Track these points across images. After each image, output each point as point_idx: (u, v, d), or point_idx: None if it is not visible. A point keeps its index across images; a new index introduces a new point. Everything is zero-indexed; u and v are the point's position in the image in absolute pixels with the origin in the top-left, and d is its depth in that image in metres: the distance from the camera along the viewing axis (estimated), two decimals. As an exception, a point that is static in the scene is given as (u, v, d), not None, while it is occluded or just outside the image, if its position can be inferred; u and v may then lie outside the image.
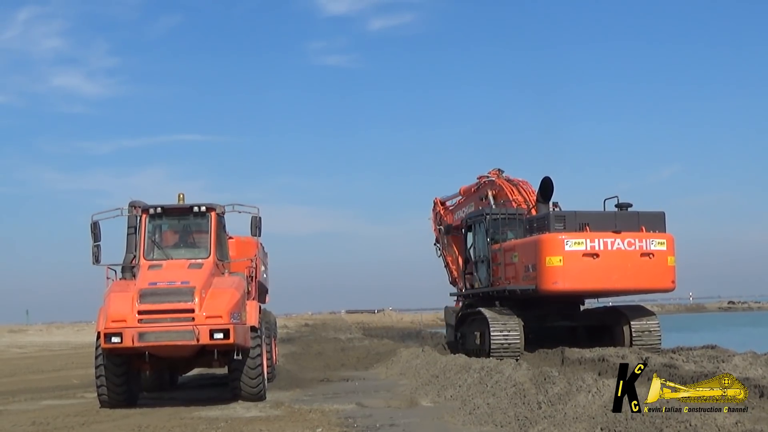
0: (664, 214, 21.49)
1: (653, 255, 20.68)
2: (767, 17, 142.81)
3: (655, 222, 21.14)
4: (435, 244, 29.69)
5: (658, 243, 20.78)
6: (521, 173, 25.91)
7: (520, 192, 24.46)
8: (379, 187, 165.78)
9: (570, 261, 20.08)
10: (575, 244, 20.14)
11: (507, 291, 21.91)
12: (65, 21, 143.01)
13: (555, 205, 22.68)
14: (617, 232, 20.54)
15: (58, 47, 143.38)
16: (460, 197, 28.32)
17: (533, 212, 23.12)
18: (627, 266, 20.48)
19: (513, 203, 23.99)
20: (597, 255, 20.23)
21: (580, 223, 20.54)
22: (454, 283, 27.74)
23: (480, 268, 23.49)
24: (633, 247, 20.53)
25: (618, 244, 20.42)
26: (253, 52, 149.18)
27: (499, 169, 26.45)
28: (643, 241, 20.66)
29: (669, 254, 20.92)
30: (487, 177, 26.19)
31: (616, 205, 21.44)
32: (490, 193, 25.30)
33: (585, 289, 21.26)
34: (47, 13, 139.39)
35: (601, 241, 20.33)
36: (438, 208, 29.97)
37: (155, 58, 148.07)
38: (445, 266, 28.75)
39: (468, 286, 24.31)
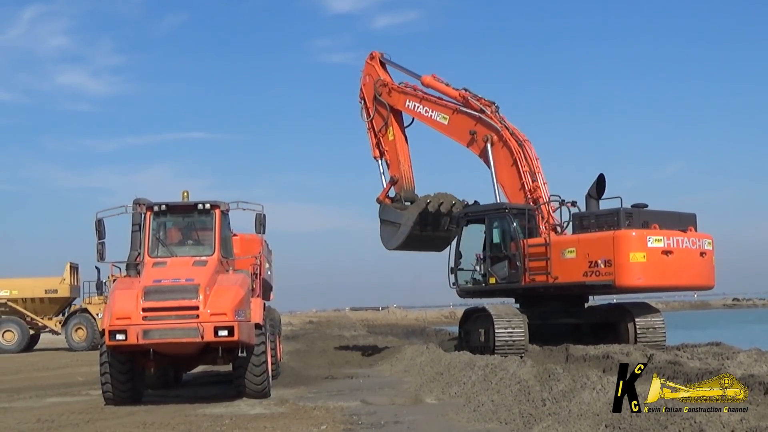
0: (695, 215, 22.02)
1: (706, 254, 21.48)
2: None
3: (691, 222, 21.72)
4: (360, 101, 27.14)
5: (708, 243, 21.59)
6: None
7: (527, 158, 23.20)
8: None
9: (652, 257, 20.48)
10: (655, 241, 20.59)
11: (561, 287, 21.66)
12: (70, 19, 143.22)
13: (573, 203, 22.44)
14: (684, 230, 21.15)
15: (64, 45, 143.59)
16: (423, 88, 25.69)
17: (538, 190, 22.73)
18: (691, 264, 21.16)
19: (516, 169, 23.04)
20: (671, 252, 20.69)
21: (642, 221, 20.97)
22: (377, 157, 26.49)
23: (498, 263, 22.64)
24: (696, 245, 21.24)
25: (686, 242, 21.03)
26: (258, 50, 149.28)
27: (494, 104, 24.36)
28: (701, 240, 21.38)
29: (713, 253, 21.76)
30: (481, 108, 24.13)
31: (633, 206, 21.70)
32: (489, 140, 23.66)
33: (660, 286, 21.88)
34: (52, 11, 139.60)
35: (674, 239, 20.87)
36: (377, 70, 26.88)
37: (160, 57, 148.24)
38: (368, 131, 26.87)
39: (468, 281, 23.37)
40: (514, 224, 22.21)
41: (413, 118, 26.23)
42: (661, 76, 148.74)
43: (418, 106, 25.76)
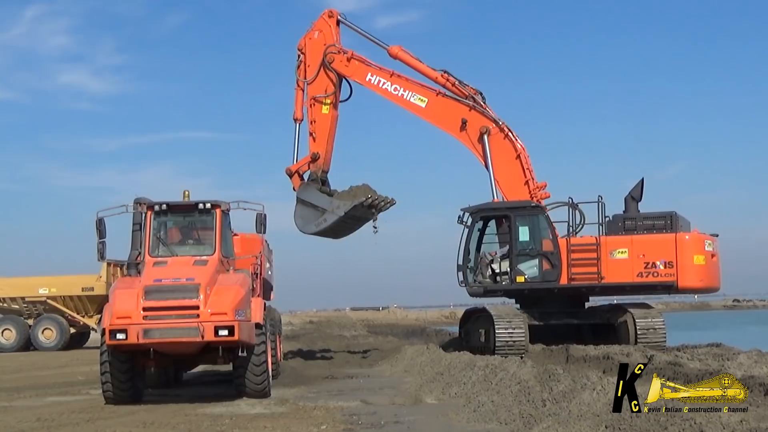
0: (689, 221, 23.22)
1: (719, 257, 22.85)
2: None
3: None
4: (299, 54, 24.12)
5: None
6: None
7: (527, 158, 23.03)
8: (385, 185, 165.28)
9: (708, 260, 21.87)
10: (708, 244, 21.98)
11: (608, 287, 22.14)
12: (72, 18, 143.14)
13: (576, 205, 22.41)
14: (715, 235, 22.52)
15: (65, 45, 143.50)
16: (374, 64, 23.82)
17: (544, 189, 22.83)
18: (718, 266, 22.56)
19: (519, 164, 22.88)
20: (714, 255, 22.14)
21: (680, 225, 22.07)
22: (299, 120, 23.95)
23: (528, 261, 22.09)
24: (719, 249, 22.67)
25: (719, 246, 22.56)
26: (259, 48, 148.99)
27: (481, 93, 23.44)
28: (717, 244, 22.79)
29: None
30: (471, 96, 23.16)
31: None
32: (487, 132, 22.95)
33: (708, 287, 23.07)
34: (54, 10, 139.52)
35: (714, 243, 22.30)
36: (332, 32, 23.96)
37: (162, 56, 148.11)
38: (297, 89, 24.10)
39: (479, 279, 22.52)
40: (549, 224, 22.10)
41: (351, 93, 24.34)
42: (662, 75, 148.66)
43: (384, 83, 23.66)
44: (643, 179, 22.59)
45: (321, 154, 23.84)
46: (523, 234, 22.28)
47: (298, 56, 24.18)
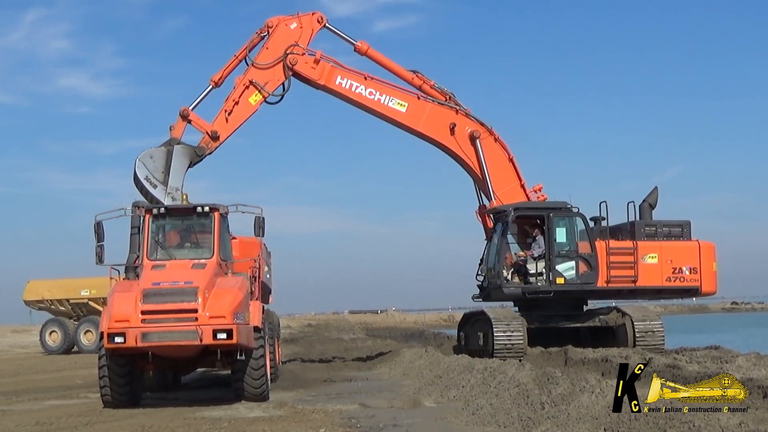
0: None
1: None
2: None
3: None
4: (264, 32, 22.41)
5: None
6: (525, 173, 23.56)
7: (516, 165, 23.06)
8: (383, 188, 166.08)
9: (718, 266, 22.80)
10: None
11: (638, 290, 22.42)
12: (71, 22, 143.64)
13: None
14: None
15: (65, 48, 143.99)
16: (352, 70, 22.51)
17: (536, 192, 22.89)
18: None
19: (513, 167, 22.93)
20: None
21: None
22: (217, 83, 22.47)
23: (565, 262, 21.76)
24: None
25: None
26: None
27: (454, 95, 22.78)
28: None
29: None
30: (452, 99, 22.70)
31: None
32: (478, 137, 22.60)
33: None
34: (54, 14, 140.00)
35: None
36: (309, 35, 22.44)
37: (161, 60, 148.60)
38: (237, 57, 22.58)
39: (510, 280, 21.98)
40: (586, 226, 21.95)
41: (281, 99, 22.36)
42: (662, 79, 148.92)
43: (358, 87, 22.31)
44: (656, 188, 23.11)
45: (221, 137, 21.90)
46: (560, 235, 22.00)
47: (262, 31, 22.36)
